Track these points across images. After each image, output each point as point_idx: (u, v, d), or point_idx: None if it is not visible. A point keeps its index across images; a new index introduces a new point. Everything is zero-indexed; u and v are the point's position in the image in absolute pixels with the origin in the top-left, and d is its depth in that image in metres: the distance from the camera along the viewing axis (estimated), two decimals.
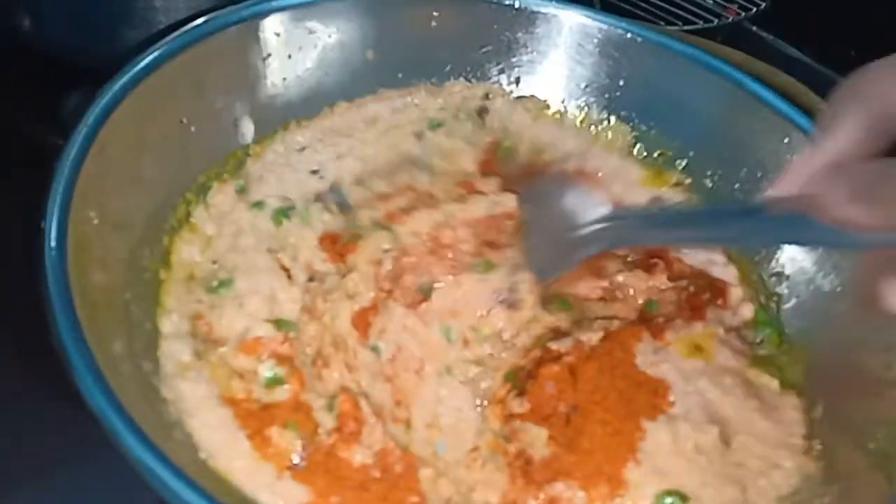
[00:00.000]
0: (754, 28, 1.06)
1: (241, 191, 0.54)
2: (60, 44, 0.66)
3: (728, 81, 0.57)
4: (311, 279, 0.49)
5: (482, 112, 0.62)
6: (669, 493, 0.43)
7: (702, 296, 0.53)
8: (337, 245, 0.50)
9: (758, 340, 0.53)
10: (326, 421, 0.43)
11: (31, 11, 0.65)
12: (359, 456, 0.42)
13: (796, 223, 0.35)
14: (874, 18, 1.06)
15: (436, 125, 0.60)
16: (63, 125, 0.51)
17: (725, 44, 0.83)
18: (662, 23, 0.96)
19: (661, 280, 0.53)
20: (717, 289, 0.54)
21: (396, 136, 0.59)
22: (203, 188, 0.52)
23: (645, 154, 0.62)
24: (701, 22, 0.99)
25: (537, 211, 0.50)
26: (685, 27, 0.96)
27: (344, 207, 0.53)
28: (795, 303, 0.54)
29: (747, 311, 0.54)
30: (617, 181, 0.59)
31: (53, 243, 0.39)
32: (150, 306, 0.45)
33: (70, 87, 0.67)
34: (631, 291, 0.52)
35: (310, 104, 0.59)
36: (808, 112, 0.75)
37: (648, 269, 0.54)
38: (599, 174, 0.59)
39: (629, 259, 0.54)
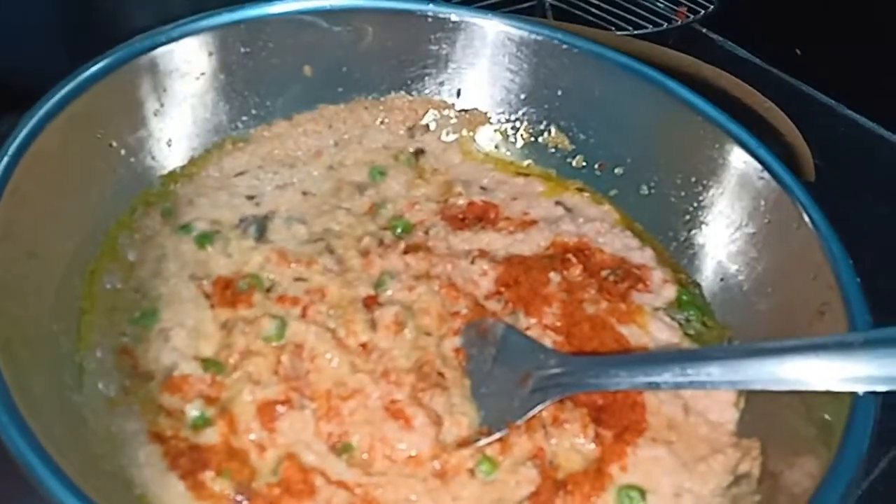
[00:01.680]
0: (704, 30, 1.07)
1: (167, 214, 0.53)
2: None
3: (661, 90, 0.57)
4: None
5: (418, 153, 0.63)
6: (630, 487, 0.44)
7: (621, 284, 0.54)
8: (228, 291, 0.49)
9: (684, 320, 0.54)
10: (266, 473, 0.42)
11: None
12: None
13: None
14: (819, 18, 1.08)
15: (378, 173, 0.60)
16: None
17: (676, 47, 0.84)
18: (613, 28, 0.97)
19: (574, 274, 0.54)
20: (636, 275, 0.55)
21: (341, 174, 0.60)
22: (133, 212, 0.52)
23: (584, 164, 0.63)
24: (651, 26, 1.00)
25: (480, 355, 0.49)
26: (636, 32, 0.97)
27: (261, 238, 0.53)
28: (719, 286, 0.55)
29: (670, 292, 0.55)
30: (521, 199, 0.60)
31: None
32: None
33: (3, 111, 0.65)
34: None
35: (247, 123, 0.59)
36: (753, 111, 0.77)
37: (562, 263, 0.55)
38: (501, 200, 0.60)
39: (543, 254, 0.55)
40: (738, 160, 0.54)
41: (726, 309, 0.54)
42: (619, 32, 0.95)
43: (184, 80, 0.55)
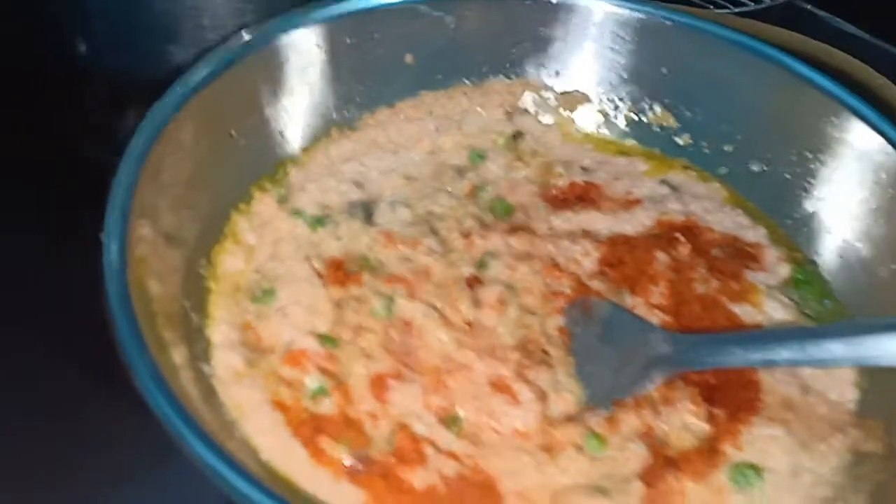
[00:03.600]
0: (808, 7, 1.02)
1: (282, 200, 0.56)
2: (116, 66, 0.70)
3: (772, 63, 0.55)
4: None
5: (517, 136, 0.63)
6: (745, 465, 0.43)
7: (733, 262, 0.53)
8: (339, 271, 0.51)
9: (800, 299, 0.52)
10: (380, 442, 0.44)
11: (87, 37, 0.68)
12: (423, 477, 0.42)
13: None
14: None
15: (478, 157, 0.61)
16: (122, 144, 0.54)
17: (779, 24, 0.81)
18: (712, 7, 0.94)
19: (682, 253, 0.53)
20: (748, 253, 0.54)
21: (442, 159, 0.61)
22: (251, 198, 0.55)
23: (691, 142, 0.61)
24: (752, 4, 0.96)
25: (584, 334, 0.49)
26: (737, 10, 0.94)
27: (368, 221, 0.55)
28: (838, 263, 0.53)
29: (785, 271, 0.54)
30: (623, 178, 0.59)
31: (113, 257, 0.41)
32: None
33: (127, 107, 0.70)
34: None
35: (352, 111, 0.61)
36: (866, 87, 0.73)
37: (669, 242, 0.53)
38: (603, 181, 0.59)
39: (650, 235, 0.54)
40: (858, 134, 0.52)
41: (847, 288, 0.51)
42: (718, 11, 0.92)
43: (294, 72, 0.57)
